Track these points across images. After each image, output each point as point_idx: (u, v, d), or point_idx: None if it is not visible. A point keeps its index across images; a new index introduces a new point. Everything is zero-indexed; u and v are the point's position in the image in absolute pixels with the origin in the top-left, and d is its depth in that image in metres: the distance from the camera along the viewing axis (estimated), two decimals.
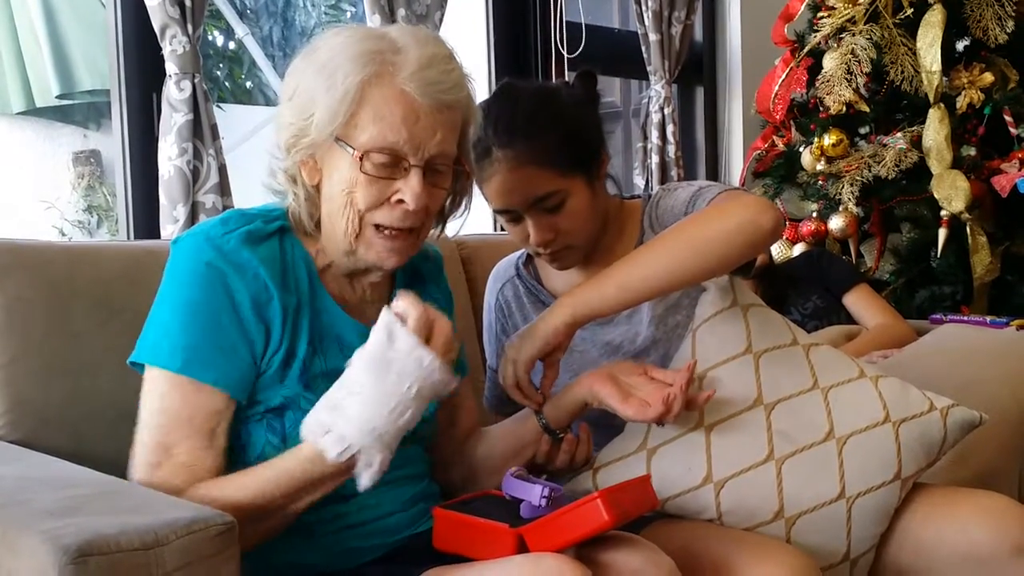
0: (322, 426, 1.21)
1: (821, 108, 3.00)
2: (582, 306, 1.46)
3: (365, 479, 1.21)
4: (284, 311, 1.31)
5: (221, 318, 1.28)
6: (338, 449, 1.19)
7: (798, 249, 3.02)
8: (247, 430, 1.32)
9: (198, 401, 1.27)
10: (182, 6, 2.27)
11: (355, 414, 1.19)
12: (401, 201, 1.30)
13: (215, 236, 1.30)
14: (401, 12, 2.69)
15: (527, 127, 1.56)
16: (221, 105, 4.41)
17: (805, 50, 3.07)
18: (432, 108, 1.29)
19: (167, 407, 1.27)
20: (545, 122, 1.58)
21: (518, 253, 1.82)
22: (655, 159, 3.48)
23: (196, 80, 2.31)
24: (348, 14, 4.95)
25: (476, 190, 1.50)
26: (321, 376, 1.34)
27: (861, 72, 2.89)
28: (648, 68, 3.47)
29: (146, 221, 2.45)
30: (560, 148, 1.57)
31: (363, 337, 1.35)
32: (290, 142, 1.32)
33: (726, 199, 1.53)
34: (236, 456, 1.32)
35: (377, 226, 1.32)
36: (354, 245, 1.34)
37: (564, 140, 1.58)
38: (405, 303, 1.23)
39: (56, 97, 4.33)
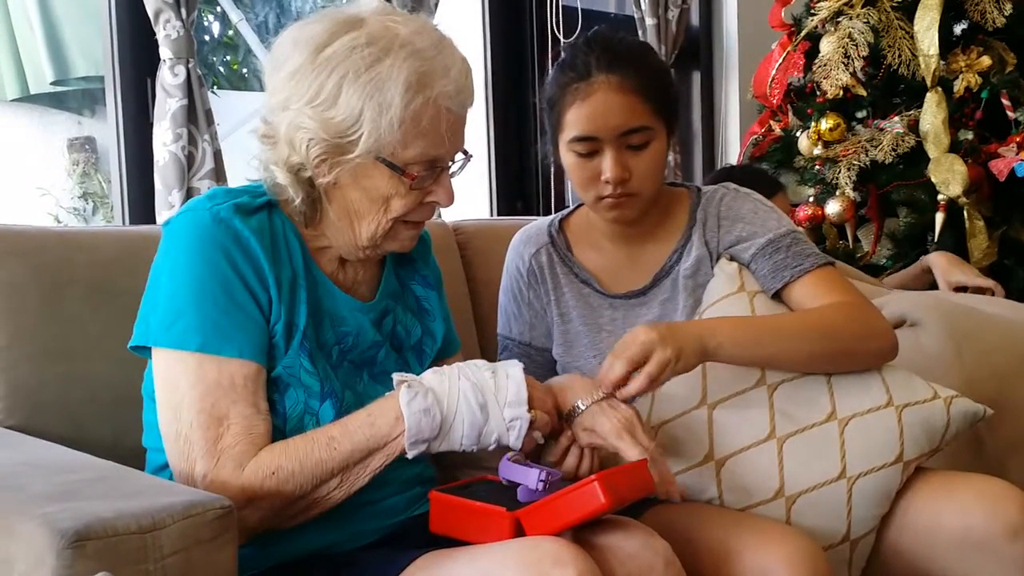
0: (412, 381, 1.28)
1: (818, 92, 2.99)
2: (729, 343, 1.47)
3: (410, 449, 1.26)
4: (278, 282, 1.32)
5: (231, 288, 1.28)
6: (409, 395, 1.25)
7: None
8: None
9: (229, 371, 1.26)
10: None
11: (444, 390, 1.28)
12: (435, 201, 1.37)
13: (206, 208, 1.30)
14: None
15: (638, 59, 1.59)
16: (216, 91, 4.39)
17: (802, 34, 3.05)
18: (462, 115, 1.36)
19: (202, 383, 1.25)
20: (652, 62, 1.63)
21: (547, 219, 1.78)
22: None
23: (190, 65, 2.30)
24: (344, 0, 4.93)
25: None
26: (315, 348, 1.34)
27: (858, 56, 2.87)
28: None
29: (141, 207, 2.44)
30: (660, 89, 1.59)
31: (357, 312, 1.36)
32: (315, 152, 1.31)
33: (854, 304, 1.57)
34: None
35: (405, 221, 1.38)
36: (379, 241, 1.37)
37: (664, 84, 1.61)
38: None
39: (50, 83, 4.31)
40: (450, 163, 1.38)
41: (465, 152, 1.40)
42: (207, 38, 4.80)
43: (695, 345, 1.44)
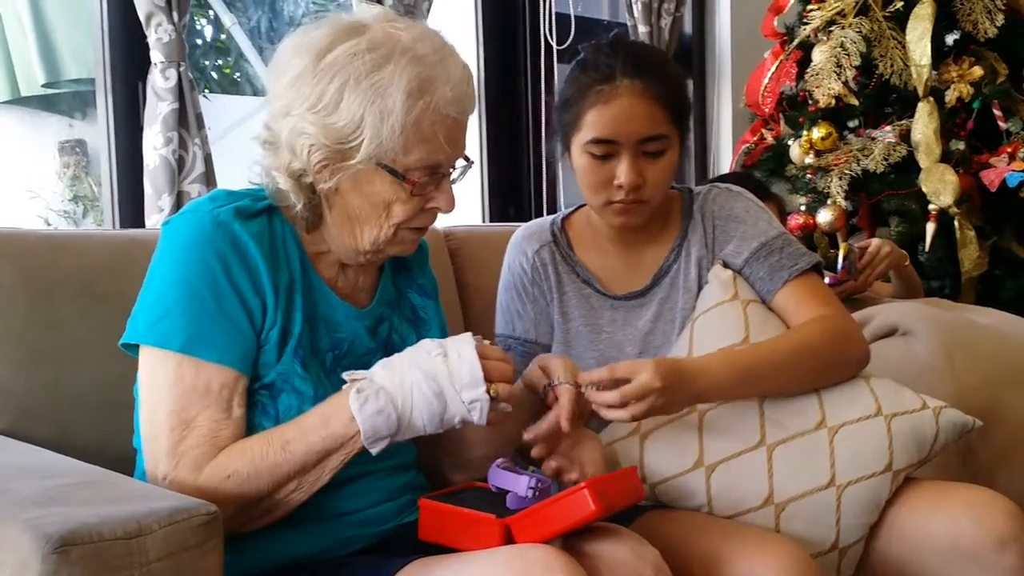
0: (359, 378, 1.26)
1: (810, 101, 3.00)
2: (715, 391, 1.50)
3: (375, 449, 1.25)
4: (275, 288, 1.31)
5: (221, 294, 1.28)
6: (360, 400, 1.23)
7: None
8: None
9: (206, 375, 1.26)
10: None
11: (389, 381, 1.25)
12: (436, 207, 1.37)
13: (206, 211, 1.30)
14: (389, 1, 2.67)
15: (661, 67, 1.61)
16: (207, 95, 4.38)
17: (794, 43, 3.06)
18: (463, 121, 1.36)
19: (179, 384, 1.26)
20: (673, 71, 1.66)
21: (549, 218, 1.78)
22: None
23: (182, 69, 2.30)
24: (337, 3, 4.93)
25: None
26: (309, 355, 1.34)
27: (850, 65, 2.88)
28: None
29: (131, 211, 2.43)
30: (679, 99, 1.62)
31: (352, 319, 1.36)
32: (317, 158, 1.31)
33: (833, 317, 1.60)
34: None
35: (408, 227, 1.37)
36: (381, 246, 1.37)
37: (682, 94, 1.64)
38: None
39: (42, 86, 4.30)
40: (451, 169, 1.38)
41: (466, 158, 1.40)
42: (199, 42, 4.78)
43: (687, 401, 1.48)
